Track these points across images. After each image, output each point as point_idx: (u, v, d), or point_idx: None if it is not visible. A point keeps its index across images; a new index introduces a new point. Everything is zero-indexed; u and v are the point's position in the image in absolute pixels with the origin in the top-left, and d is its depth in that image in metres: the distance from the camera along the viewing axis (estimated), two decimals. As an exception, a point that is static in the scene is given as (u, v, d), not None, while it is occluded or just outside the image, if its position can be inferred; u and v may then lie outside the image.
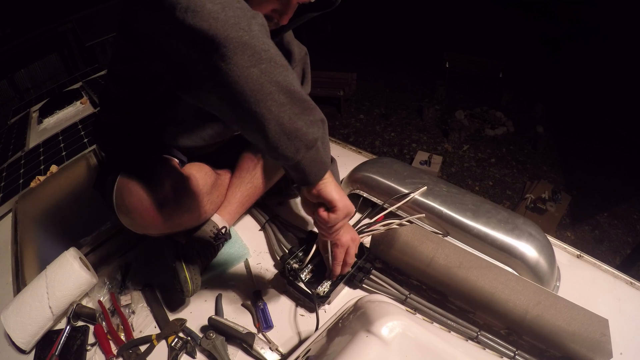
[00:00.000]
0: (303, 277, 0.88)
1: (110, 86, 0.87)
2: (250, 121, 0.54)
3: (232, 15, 0.50)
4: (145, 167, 0.81)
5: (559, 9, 5.14)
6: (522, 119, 4.20)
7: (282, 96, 0.54)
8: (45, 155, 1.66)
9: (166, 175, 0.80)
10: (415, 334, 0.58)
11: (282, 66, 0.54)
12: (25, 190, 1.42)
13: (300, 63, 0.97)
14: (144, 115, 0.85)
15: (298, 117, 0.56)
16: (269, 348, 0.78)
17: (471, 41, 5.32)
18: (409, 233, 0.84)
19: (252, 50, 0.50)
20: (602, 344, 0.67)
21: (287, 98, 0.54)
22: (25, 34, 3.28)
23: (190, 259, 0.86)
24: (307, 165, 0.61)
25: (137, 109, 0.84)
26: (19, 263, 1.07)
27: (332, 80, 4.46)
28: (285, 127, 0.55)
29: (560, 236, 2.90)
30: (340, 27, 6.28)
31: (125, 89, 0.81)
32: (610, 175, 3.44)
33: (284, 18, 0.70)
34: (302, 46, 0.98)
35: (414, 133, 4.16)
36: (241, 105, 0.53)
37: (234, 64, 0.50)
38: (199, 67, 0.53)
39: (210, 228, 0.93)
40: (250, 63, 0.50)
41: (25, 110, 2.29)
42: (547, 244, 0.89)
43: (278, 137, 0.55)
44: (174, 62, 0.57)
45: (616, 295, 0.89)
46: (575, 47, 4.77)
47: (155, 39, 0.59)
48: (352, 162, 1.21)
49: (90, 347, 0.83)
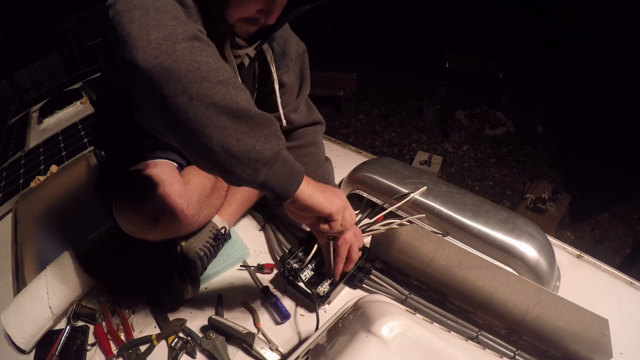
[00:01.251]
0: (303, 277, 0.88)
1: (103, 95, 0.86)
2: (196, 152, 0.50)
3: (155, 37, 0.46)
4: (143, 176, 0.79)
5: (559, 9, 5.14)
6: (522, 119, 4.21)
7: (223, 118, 0.48)
8: (45, 155, 1.66)
9: (164, 184, 0.79)
10: (415, 334, 0.58)
11: (219, 82, 0.48)
12: (25, 190, 1.42)
13: (297, 61, 0.94)
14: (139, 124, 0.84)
15: (247, 135, 0.50)
16: (269, 348, 0.78)
17: (471, 41, 5.32)
18: (409, 233, 0.84)
19: (176, 74, 0.45)
20: (602, 344, 0.67)
21: (230, 119, 0.49)
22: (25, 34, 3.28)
23: (190, 260, 0.86)
24: (275, 182, 0.56)
25: (132, 117, 0.83)
26: (19, 263, 1.07)
27: (332, 80, 4.46)
28: (233, 150, 0.49)
29: (560, 236, 2.90)
30: (340, 27, 6.28)
31: (118, 98, 0.79)
32: (610, 175, 3.44)
33: (270, 17, 0.66)
34: (301, 43, 0.94)
35: (414, 133, 4.16)
36: (181, 137, 0.49)
37: (162, 96, 0.45)
38: (140, 99, 0.50)
39: (210, 229, 0.93)
40: (178, 90, 0.45)
41: (25, 110, 2.29)
42: (547, 244, 0.89)
43: (228, 162, 0.50)
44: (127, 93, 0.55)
45: (616, 295, 0.89)
46: (575, 47, 4.77)
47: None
48: (352, 162, 1.21)
49: (90, 347, 0.83)
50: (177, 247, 0.88)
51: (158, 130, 0.55)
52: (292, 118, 0.96)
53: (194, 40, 0.48)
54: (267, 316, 0.86)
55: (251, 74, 0.83)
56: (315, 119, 1.02)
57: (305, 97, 0.99)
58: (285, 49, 0.89)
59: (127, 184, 0.78)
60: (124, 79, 0.52)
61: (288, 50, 0.90)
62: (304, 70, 0.96)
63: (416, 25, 6.17)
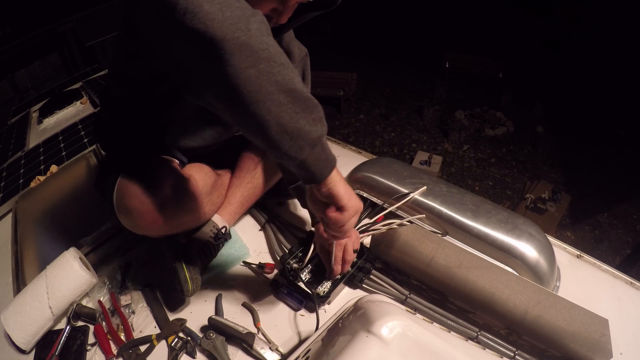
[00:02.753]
0: (303, 277, 0.89)
1: (111, 85, 0.87)
2: (251, 122, 0.54)
3: (230, 15, 0.50)
4: (145, 168, 0.81)
5: (559, 9, 5.14)
6: (522, 119, 4.20)
7: (282, 96, 0.53)
8: (45, 155, 1.66)
9: (166, 176, 0.80)
10: (415, 334, 0.58)
11: (281, 64, 0.53)
12: (25, 190, 1.42)
13: (300, 64, 0.97)
14: (145, 115, 0.85)
15: (299, 115, 0.55)
16: (269, 348, 0.78)
17: (471, 41, 5.31)
18: (409, 233, 0.84)
19: (250, 50, 0.50)
20: (602, 344, 0.67)
21: (288, 97, 0.54)
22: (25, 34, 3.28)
23: (191, 259, 0.86)
24: (313, 163, 0.60)
25: (138, 108, 0.84)
26: (19, 263, 1.07)
27: (332, 80, 4.46)
28: (287, 126, 0.54)
29: (560, 236, 2.90)
30: (340, 27, 6.28)
31: (127, 88, 0.81)
32: (610, 175, 3.44)
33: (283, 17, 0.70)
34: (303, 47, 0.98)
35: (414, 133, 4.16)
36: (240, 107, 0.53)
37: (232, 66, 0.50)
38: (199, 68, 0.53)
39: (210, 228, 0.93)
40: (248, 64, 0.50)
41: (25, 110, 2.29)
42: (547, 244, 0.89)
43: (280, 137, 0.55)
44: (177, 62, 0.58)
45: (616, 295, 0.89)
46: (575, 47, 4.77)
47: (157, 38, 0.59)
48: (352, 162, 1.21)
49: (90, 347, 0.83)
50: (178, 246, 0.88)
51: (209, 102, 0.58)
52: None
53: (261, 23, 0.53)
54: (268, 315, 0.86)
55: None
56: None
57: None
58: (290, 51, 0.93)
59: (131, 173, 0.79)
60: (170, 49, 0.56)
61: (292, 52, 0.93)
62: (306, 73, 0.99)
63: (416, 25, 6.17)
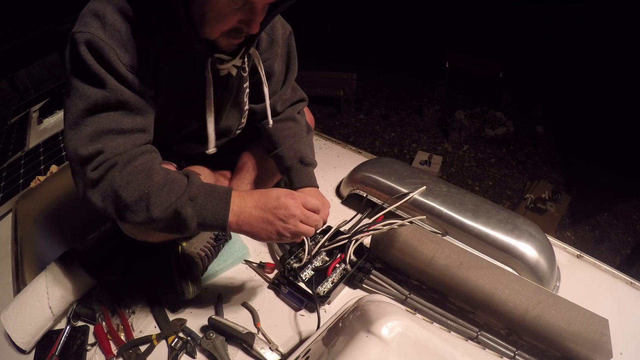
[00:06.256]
0: (303, 277, 0.88)
1: None
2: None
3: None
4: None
5: (559, 9, 5.13)
6: (522, 119, 4.20)
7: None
8: (45, 155, 1.66)
9: None
10: (415, 334, 0.58)
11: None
12: (25, 190, 1.42)
13: (284, 46, 0.92)
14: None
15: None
16: (269, 348, 0.78)
17: (471, 41, 5.31)
18: (409, 233, 0.84)
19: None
20: (602, 344, 0.67)
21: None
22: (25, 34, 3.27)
23: (191, 261, 0.86)
24: (204, 218, 0.62)
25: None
26: (19, 263, 1.07)
27: (332, 80, 4.45)
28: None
29: (560, 236, 2.90)
30: (340, 27, 6.27)
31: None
32: (610, 176, 3.44)
33: (253, 26, 0.65)
34: (287, 25, 0.92)
35: (414, 133, 4.15)
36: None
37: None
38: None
39: (210, 228, 0.93)
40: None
41: (25, 110, 2.28)
42: (547, 244, 0.89)
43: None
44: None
45: (616, 295, 0.89)
46: (575, 47, 4.77)
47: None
48: (352, 162, 1.21)
49: (90, 347, 0.83)
50: (178, 247, 0.88)
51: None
52: (277, 107, 0.96)
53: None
54: (268, 315, 0.86)
55: (239, 77, 0.82)
56: (299, 97, 1.01)
57: (292, 83, 0.98)
58: (273, 36, 0.88)
59: None
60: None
61: (276, 37, 0.88)
62: (291, 54, 0.94)
63: (416, 25, 6.16)
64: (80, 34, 0.60)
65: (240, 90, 0.84)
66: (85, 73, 0.61)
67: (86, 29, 0.60)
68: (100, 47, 0.60)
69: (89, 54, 0.60)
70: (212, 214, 0.62)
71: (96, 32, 0.60)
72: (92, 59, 0.60)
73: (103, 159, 0.62)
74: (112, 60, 0.61)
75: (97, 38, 0.60)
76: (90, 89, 0.61)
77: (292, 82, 0.98)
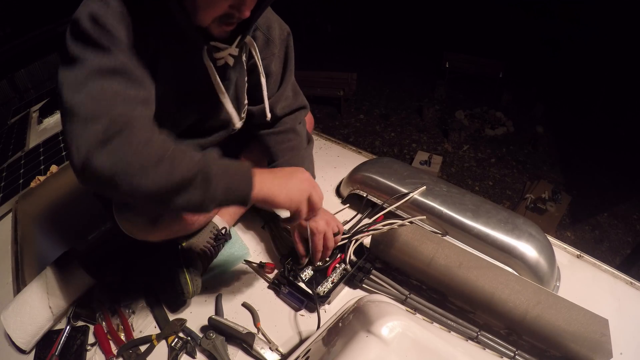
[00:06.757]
0: (303, 277, 0.89)
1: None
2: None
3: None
4: None
5: (559, 9, 5.13)
6: (522, 119, 4.20)
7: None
8: (45, 155, 1.66)
9: None
10: (415, 334, 0.58)
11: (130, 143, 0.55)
12: (25, 190, 1.42)
13: (282, 46, 0.92)
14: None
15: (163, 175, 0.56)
16: (269, 348, 0.78)
17: (471, 41, 5.31)
18: (409, 233, 0.84)
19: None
20: (602, 344, 0.67)
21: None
22: (25, 34, 3.27)
23: (191, 261, 0.86)
24: (220, 191, 0.59)
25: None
26: (19, 263, 1.07)
27: (332, 80, 4.45)
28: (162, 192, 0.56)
29: (560, 236, 2.90)
30: (340, 27, 6.27)
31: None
32: (611, 176, 3.44)
33: (244, 11, 0.64)
34: (284, 25, 0.92)
35: (414, 133, 4.15)
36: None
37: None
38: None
39: (210, 229, 0.93)
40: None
41: (25, 110, 2.28)
42: (547, 244, 0.89)
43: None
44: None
45: (616, 295, 0.89)
46: (575, 47, 4.77)
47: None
48: (352, 162, 1.21)
49: (90, 347, 0.83)
50: (178, 247, 0.88)
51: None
52: (276, 110, 0.95)
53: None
54: (268, 315, 0.86)
55: (238, 70, 0.82)
56: (300, 104, 1.00)
57: (290, 83, 0.97)
58: (270, 36, 0.87)
59: None
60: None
61: (272, 37, 0.88)
62: (289, 55, 0.94)
63: (416, 25, 6.16)
64: (83, 8, 0.59)
65: (239, 84, 0.84)
66: (90, 42, 0.58)
67: (89, 6, 0.59)
68: (104, 20, 0.59)
69: (93, 24, 0.58)
70: (238, 174, 0.61)
71: (100, 9, 0.59)
72: (97, 28, 0.58)
73: (112, 118, 0.55)
74: (117, 33, 0.60)
75: (101, 12, 0.59)
76: (94, 54, 0.58)
77: (292, 83, 0.98)
